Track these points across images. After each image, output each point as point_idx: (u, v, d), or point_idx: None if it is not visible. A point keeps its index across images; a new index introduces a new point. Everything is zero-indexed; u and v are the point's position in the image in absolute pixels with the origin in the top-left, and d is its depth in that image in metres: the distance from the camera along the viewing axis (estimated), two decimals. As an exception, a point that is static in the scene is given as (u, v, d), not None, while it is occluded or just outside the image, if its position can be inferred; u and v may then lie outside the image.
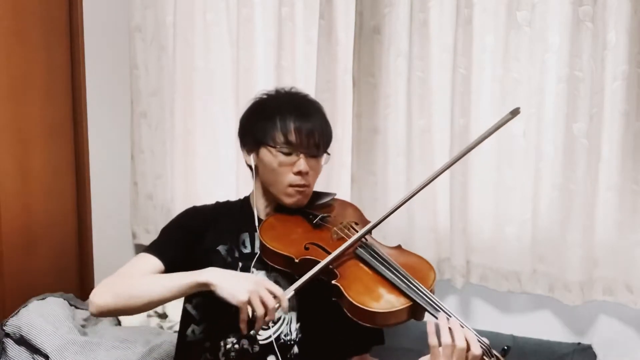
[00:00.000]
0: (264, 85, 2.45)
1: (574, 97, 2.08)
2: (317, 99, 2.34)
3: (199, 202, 1.87)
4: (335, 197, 1.81)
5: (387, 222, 2.31)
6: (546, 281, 2.21)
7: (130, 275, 1.61)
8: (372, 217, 1.78)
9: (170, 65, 2.62)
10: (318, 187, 1.77)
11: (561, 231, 2.15)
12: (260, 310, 1.44)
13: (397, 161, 2.32)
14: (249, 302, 1.45)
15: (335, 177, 2.41)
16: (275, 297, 1.46)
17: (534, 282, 2.23)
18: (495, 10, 2.18)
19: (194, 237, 1.68)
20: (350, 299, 1.45)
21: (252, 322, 1.46)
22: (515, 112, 1.60)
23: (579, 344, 2.16)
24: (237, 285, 1.47)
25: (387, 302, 1.46)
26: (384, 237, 2.30)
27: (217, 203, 1.81)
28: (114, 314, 1.64)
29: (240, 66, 2.50)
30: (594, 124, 2.06)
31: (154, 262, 1.63)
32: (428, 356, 1.42)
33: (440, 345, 1.40)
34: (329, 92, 2.37)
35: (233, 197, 1.87)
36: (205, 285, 1.50)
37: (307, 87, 2.42)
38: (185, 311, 1.70)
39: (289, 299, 1.50)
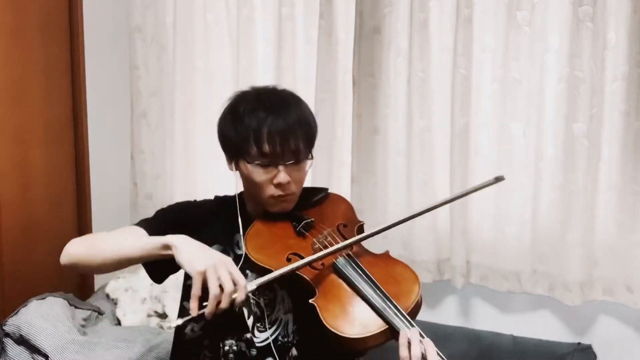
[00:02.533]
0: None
1: (574, 97, 2.08)
2: (317, 99, 2.37)
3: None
4: (329, 191, 1.75)
5: (388, 222, 2.32)
6: (546, 281, 2.21)
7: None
8: (371, 217, 1.77)
9: (170, 65, 2.62)
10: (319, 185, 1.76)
11: (561, 231, 2.15)
12: (214, 289, 1.35)
13: (397, 161, 2.32)
14: (204, 276, 1.37)
15: (335, 177, 2.41)
16: (235, 284, 1.38)
17: (534, 282, 2.23)
18: (495, 10, 2.17)
19: (186, 227, 1.61)
20: (325, 323, 1.40)
21: (203, 303, 1.38)
22: (499, 179, 1.54)
23: (579, 344, 2.16)
24: (198, 256, 1.41)
25: (362, 326, 1.39)
26: (384, 237, 2.30)
27: (217, 198, 1.75)
28: (82, 266, 1.59)
29: (240, 66, 2.50)
30: (594, 124, 2.06)
31: (138, 232, 1.59)
32: None
33: (410, 357, 1.33)
34: (329, 92, 2.37)
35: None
36: (168, 247, 1.44)
37: (307, 87, 2.43)
38: (183, 308, 1.68)
39: (262, 293, 1.47)
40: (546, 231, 2.19)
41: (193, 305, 1.37)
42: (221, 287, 1.37)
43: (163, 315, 2.45)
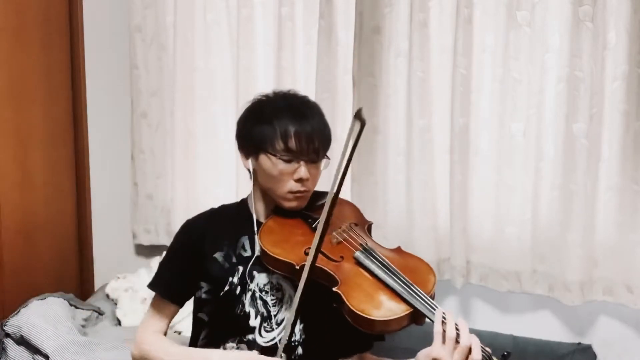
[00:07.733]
0: (264, 85, 2.45)
1: (574, 97, 2.08)
2: (317, 99, 2.36)
3: (199, 203, 1.86)
4: None
5: (387, 222, 2.33)
6: (546, 281, 2.21)
7: (155, 336, 1.67)
8: (371, 217, 1.77)
9: (170, 65, 2.63)
10: (319, 186, 1.76)
11: (561, 231, 2.15)
12: None
13: (397, 161, 2.32)
14: None
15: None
16: None
17: (534, 282, 2.23)
18: (495, 10, 2.18)
19: (194, 253, 1.66)
20: (352, 307, 1.45)
21: None
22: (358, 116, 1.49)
23: (579, 344, 2.16)
24: None
25: (387, 309, 1.46)
26: (384, 237, 2.30)
27: (212, 210, 1.76)
28: None
29: (240, 66, 2.50)
30: (594, 124, 2.06)
31: (170, 309, 1.68)
32: (430, 347, 1.42)
33: (444, 337, 1.40)
34: (329, 92, 2.37)
35: (233, 198, 1.87)
36: None
37: (307, 87, 2.43)
38: (197, 319, 1.69)
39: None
40: (546, 231, 2.19)
41: None
42: None
43: (163, 315, 2.45)
